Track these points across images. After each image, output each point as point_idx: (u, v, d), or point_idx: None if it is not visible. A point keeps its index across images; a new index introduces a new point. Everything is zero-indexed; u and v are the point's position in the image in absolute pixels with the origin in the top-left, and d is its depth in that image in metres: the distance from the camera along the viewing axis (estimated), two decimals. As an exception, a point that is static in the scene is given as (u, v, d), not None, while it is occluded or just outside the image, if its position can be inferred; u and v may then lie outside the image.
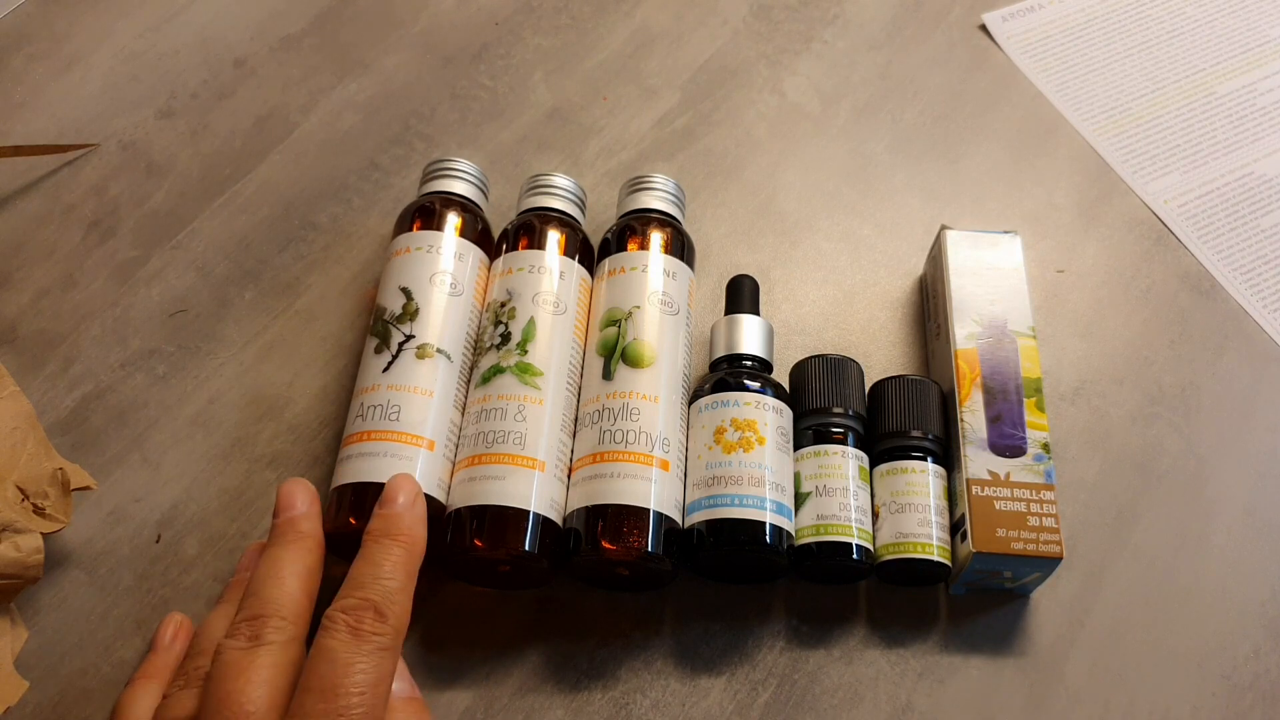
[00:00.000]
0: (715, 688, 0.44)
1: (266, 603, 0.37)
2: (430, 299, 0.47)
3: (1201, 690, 0.45)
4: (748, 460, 0.43)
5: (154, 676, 0.41)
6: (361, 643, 0.35)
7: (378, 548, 0.39)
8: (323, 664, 0.35)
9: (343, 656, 0.35)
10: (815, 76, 0.62)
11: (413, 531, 0.40)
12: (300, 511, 0.42)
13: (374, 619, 0.36)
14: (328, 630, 0.36)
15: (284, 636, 0.37)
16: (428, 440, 0.44)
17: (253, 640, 0.36)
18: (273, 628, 0.36)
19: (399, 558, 0.38)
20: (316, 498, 0.43)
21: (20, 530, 0.41)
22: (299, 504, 0.42)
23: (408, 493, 0.41)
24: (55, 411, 0.50)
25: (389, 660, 0.36)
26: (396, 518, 0.40)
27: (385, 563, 0.38)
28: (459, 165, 0.52)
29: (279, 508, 0.42)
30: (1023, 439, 0.45)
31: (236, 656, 0.36)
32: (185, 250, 0.55)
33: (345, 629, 0.35)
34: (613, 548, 0.42)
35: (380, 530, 0.39)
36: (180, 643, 0.42)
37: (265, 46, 0.63)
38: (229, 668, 0.35)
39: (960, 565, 0.44)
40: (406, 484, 0.41)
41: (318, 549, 0.41)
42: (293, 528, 0.41)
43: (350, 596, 0.37)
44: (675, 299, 0.48)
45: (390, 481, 0.41)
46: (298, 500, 0.42)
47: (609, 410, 0.44)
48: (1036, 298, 0.54)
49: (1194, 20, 0.65)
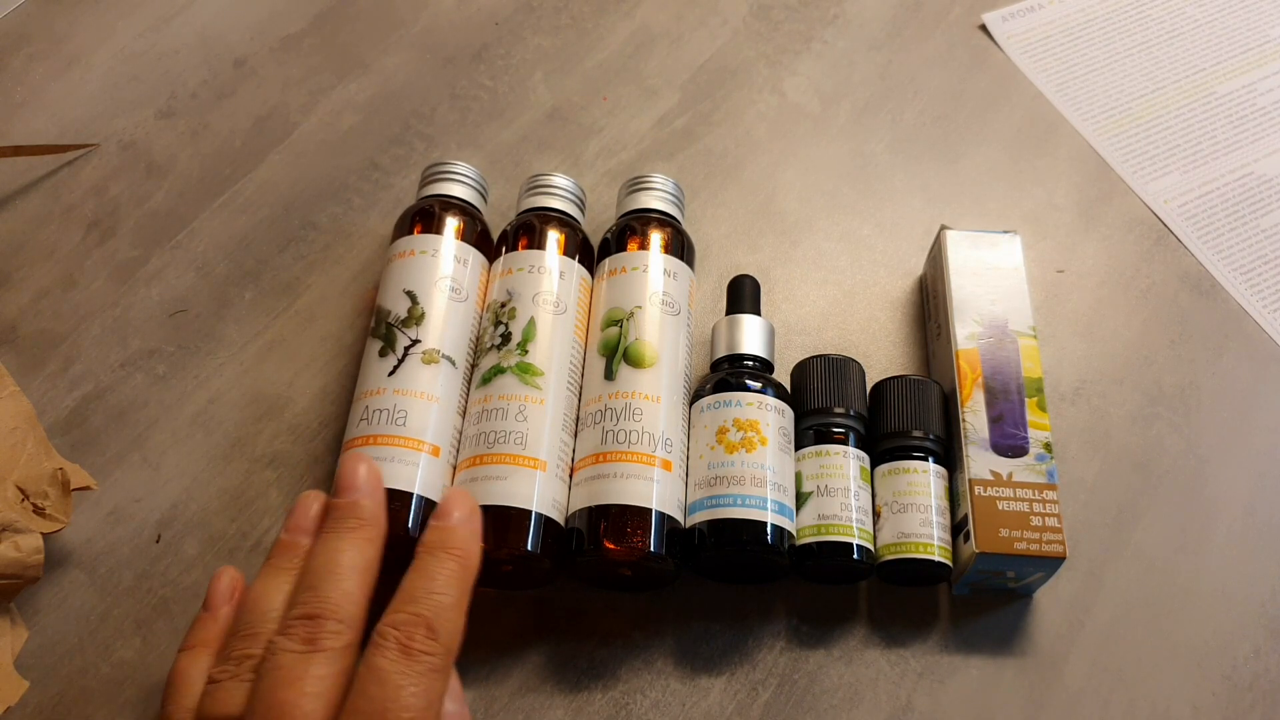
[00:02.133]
0: (715, 688, 0.44)
1: (324, 601, 0.36)
2: (434, 303, 0.47)
3: (1201, 690, 0.45)
4: (750, 460, 0.43)
5: (210, 644, 0.38)
6: (412, 663, 0.34)
7: (432, 560, 0.37)
8: (372, 684, 0.34)
9: (393, 678, 0.34)
10: (815, 76, 0.62)
11: (468, 547, 0.38)
12: (363, 493, 0.39)
13: (425, 636, 0.35)
14: (378, 647, 0.34)
15: (340, 643, 0.35)
16: (431, 445, 0.44)
17: (308, 644, 0.35)
18: (329, 632, 0.35)
19: (453, 572, 0.37)
20: (380, 477, 0.40)
21: (20, 530, 0.41)
22: (361, 483, 0.40)
23: (464, 508, 0.39)
24: (55, 411, 0.50)
25: (440, 681, 0.35)
26: (451, 531, 0.38)
27: (439, 576, 0.37)
28: (458, 168, 0.52)
29: (339, 486, 0.40)
30: (1025, 439, 0.45)
31: (291, 661, 0.34)
32: (185, 250, 0.55)
33: (396, 647, 0.34)
34: (616, 548, 0.42)
35: (435, 543, 0.38)
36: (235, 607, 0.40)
37: (265, 46, 0.63)
38: (283, 673, 0.34)
39: (963, 566, 0.44)
40: (463, 499, 0.40)
41: (379, 539, 0.39)
42: (354, 512, 0.39)
43: (402, 611, 0.35)
44: (676, 299, 0.48)
45: (446, 495, 0.40)
46: (360, 478, 0.40)
47: (611, 410, 0.44)
48: (1036, 298, 0.54)
49: (1194, 20, 0.65)
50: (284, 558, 0.39)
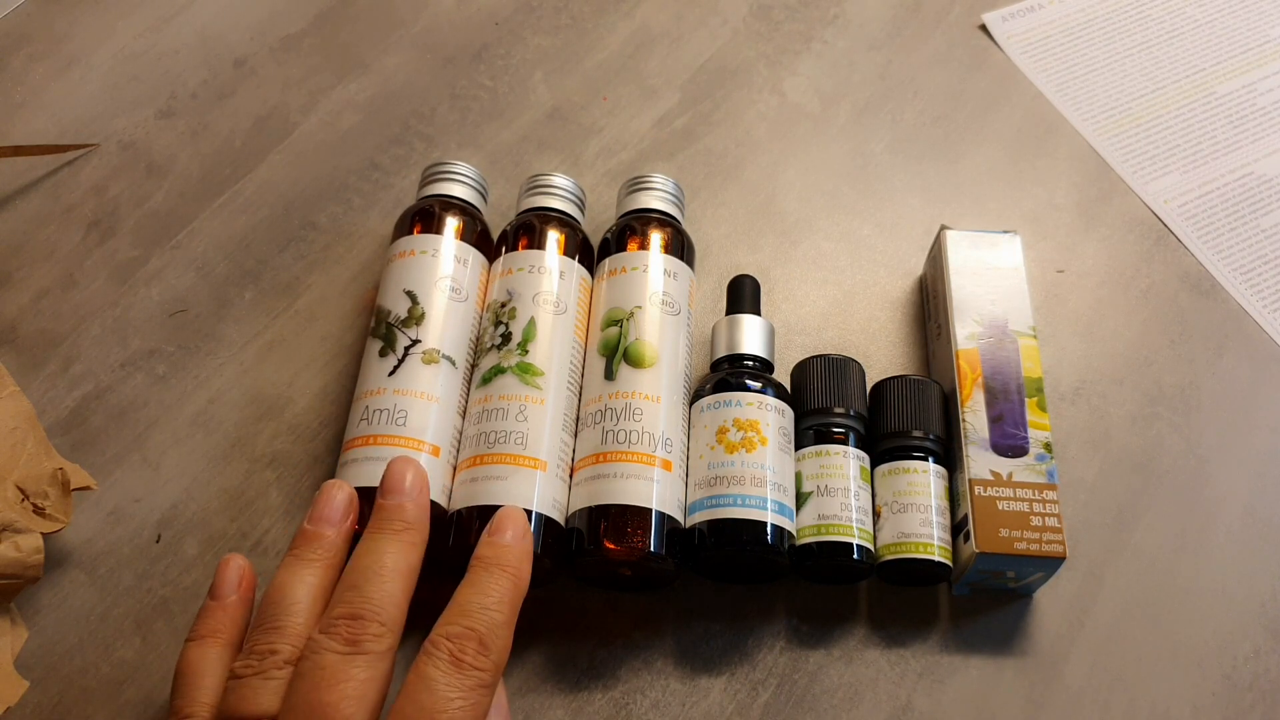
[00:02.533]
0: (715, 688, 0.44)
1: (368, 602, 0.36)
2: (434, 303, 0.47)
3: (1201, 690, 0.45)
4: (750, 460, 0.43)
5: (218, 634, 0.38)
6: (463, 676, 0.34)
7: (486, 576, 0.37)
8: (421, 692, 0.34)
9: (441, 688, 0.34)
10: (815, 76, 0.62)
11: (520, 566, 0.38)
12: (409, 497, 0.39)
13: (477, 651, 0.35)
14: (430, 656, 0.35)
15: (382, 646, 0.35)
16: (432, 446, 0.44)
17: (351, 645, 0.34)
18: (372, 634, 0.35)
19: (506, 590, 0.37)
20: (427, 482, 0.41)
21: (20, 530, 0.41)
22: (408, 487, 0.40)
23: (518, 526, 0.39)
24: (55, 411, 0.50)
25: (486, 697, 0.35)
26: (507, 549, 0.38)
27: (493, 593, 0.37)
28: (458, 168, 0.52)
29: (386, 488, 0.40)
30: (1025, 439, 0.45)
31: (333, 662, 0.34)
32: (185, 250, 0.55)
33: (448, 658, 0.34)
34: (616, 548, 0.42)
35: (490, 558, 0.38)
36: (243, 595, 0.40)
37: (265, 46, 0.63)
38: (324, 674, 0.34)
39: (963, 566, 0.44)
40: (517, 518, 0.40)
41: (422, 544, 0.39)
42: (400, 515, 0.39)
43: (455, 623, 0.35)
44: (676, 299, 0.48)
45: (500, 512, 0.40)
46: (407, 482, 0.40)
47: (612, 410, 0.44)
48: (1036, 298, 0.54)
49: (1194, 20, 0.65)
50: (308, 548, 0.39)
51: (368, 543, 0.38)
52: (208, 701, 0.36)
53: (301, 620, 0.37)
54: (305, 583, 0.37)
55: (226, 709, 0.35)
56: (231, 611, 0.39)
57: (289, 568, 0.38)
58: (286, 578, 0.38)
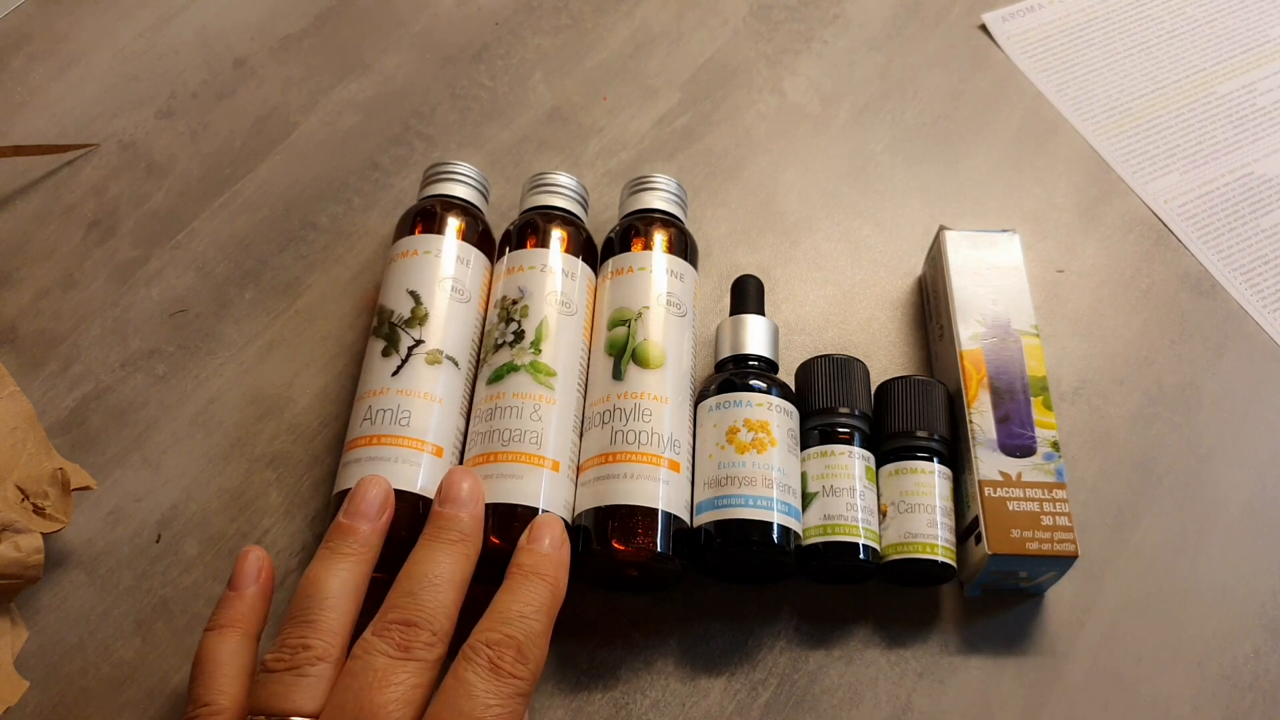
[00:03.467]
0: (715, 688, 0.44)
1: (423, 609, 0.36)
2: (437, 303, 0.47)
3: (1201, 690, 0.45)
4: (760, 461, 0.43)
5: (237, 624, 0.38)
6: (501, 683, 0.35)
7: (526, 584, 0.38)
8: (460, 697, 0.34)
9: (480, 694, 0.34)
10: (815, 76, 0.62)
11: (558, 575, 0.39)
12: (465, 507, 0.40)
13: (515, 659, 0.35)
14: (470, 661, 0.35)
15: (432, 655, 0.35)
16: (434, 446, 0.44)
17: (403, 651, 0.35)
18: (424, 643, 0.35)
19: (544, 599, 0.37)
20: (483, 495, 0.41)
21: (20, 530, 0.41)
22: (465, 497, 0.40)
23: (555, 535, 0.40)
24: (55, 411, 0.50)
25: (522, 705, 0.35)
26: (546, 558, 0.39)
27: (532, 601, 0.37)
28: (459, 168, 0.52)
29: (443, 496, 0.40)
30: (1032, 438, 0.45)
31: (384, 664, 0.34)
32: (185, 250, 0.55)
33: (488, 664, 0.35)
34: (623, 548, 0.42)
35: (530, 567, 0.38)
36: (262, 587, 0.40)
37: (265, 46, 0.63)
38: (376, 674, 0.34)
39: (975, 568, 0.44)
40: (554, 525, 0.40)
41: (475, 555, 0.39)
42: (456, 525, 0.39)
43: (496, 631, 0.36)
44: (682, 299, 0.48)
45: (538, 520, 0.40)
46: (463, 493, 0.40)
47: (620, 410, 0.44)
48: (1036, 298, 0.54)
49: (1194, 20, 0.65)
50: (343, 542, 0.39)
51: (424, 550, 0.38)
52: (229, 690, 0.36)
53: (336, 615, 0.37)
54: (339, 577, 0.38)
55: (258, 703, 0.35)
56: (251, 602, 0.39)
57: (323, 560, 0.38)
58: (320, 571, 0.38)
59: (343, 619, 0.37)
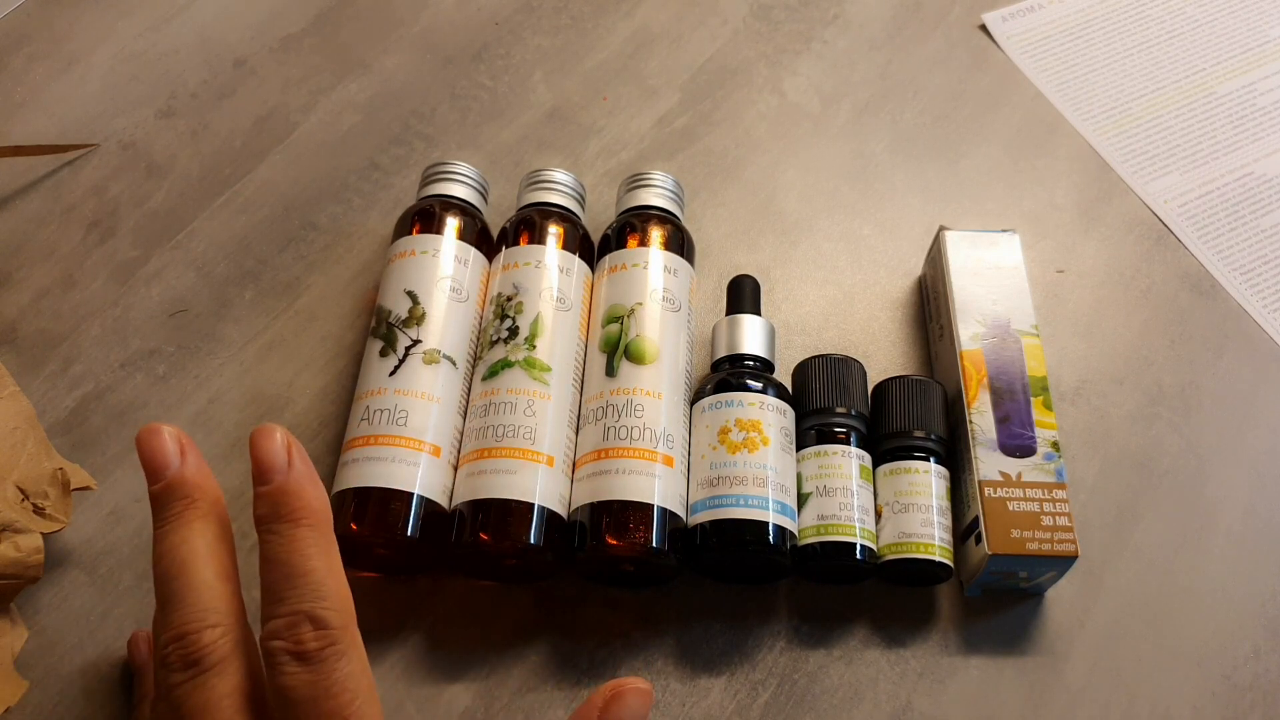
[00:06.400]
0: (715, 688, 0.44)
1: (187, 610, 0.30)
2: (435, 303, 0.47)
3: (1201, 690, 0.45)
4: (752, 461, 0.43)
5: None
6: (315, 666, 0.29)
7: (277, 541, 0.31)
8: (292, 709, 0.29)
9: (305, 696, 0.29)
10: (815, 76, 0.62)
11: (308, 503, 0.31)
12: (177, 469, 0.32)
13: (313, 631, 0.29)
14: (273, 667, 0.29)
15: (225, 649, 0.30)
16: (432, 446, 0.44)
17: (193, 667, 0.30)
18: (207, 644, 0.30)
19: (306, 541, 0.31)
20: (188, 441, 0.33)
21: (20, 530, 0.41)
22: (170, 457, 0.32)
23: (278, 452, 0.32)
24: (55, 411, 0.50)
25: (353, 659, 0.30)
26: (282, 493, 0.31)
27: (294, 556, 0.30)
28: (458, 168, 0.52)
29: (149, 470, 0.32)
30: (1032, 438, 0.45)
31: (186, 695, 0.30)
32: (185, 250, 0.55)
33: (290, 660, 0.29)
34: (618, 543, 0.42)
35: (270, 515, 0.31)
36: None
37: (265, 46, 0.63)
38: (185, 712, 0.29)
39: (975, 568, 0.44)
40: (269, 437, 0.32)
41: (214, 509, 0.32)
42: (177, 493, 0.32)
43: (277, 615, 0.30)
44: (676, 296, 0.48)
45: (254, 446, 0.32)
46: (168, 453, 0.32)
47: (613, 406, 0.44)
48: (1036, 298, 0.54)
49: (1194, 20, 0.65)
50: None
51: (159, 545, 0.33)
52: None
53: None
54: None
55: None
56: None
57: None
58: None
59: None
